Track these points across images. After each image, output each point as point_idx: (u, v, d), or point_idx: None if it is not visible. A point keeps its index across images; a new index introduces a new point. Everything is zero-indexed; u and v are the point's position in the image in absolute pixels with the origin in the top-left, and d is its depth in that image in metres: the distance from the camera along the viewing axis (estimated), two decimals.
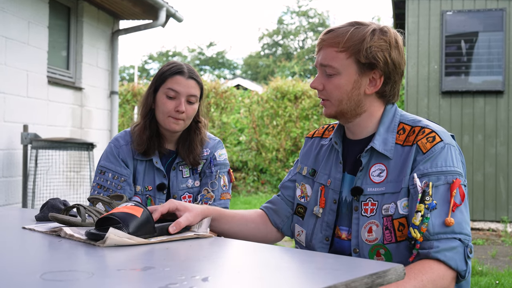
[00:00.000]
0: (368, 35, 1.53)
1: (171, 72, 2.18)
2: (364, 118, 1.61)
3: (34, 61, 5.40)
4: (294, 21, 34.11)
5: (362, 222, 1.55)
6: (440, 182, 1.45)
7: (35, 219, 1.74)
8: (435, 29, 7.04)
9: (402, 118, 1.61)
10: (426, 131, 1.53)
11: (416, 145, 1.51)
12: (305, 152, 1.82)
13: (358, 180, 1.58)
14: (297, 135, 10.94)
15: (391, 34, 1.57)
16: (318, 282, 0.96)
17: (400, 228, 1.49)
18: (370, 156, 1.57)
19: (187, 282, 0.93)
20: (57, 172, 5.55)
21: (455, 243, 1.41)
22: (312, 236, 1.67)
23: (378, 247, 1.51)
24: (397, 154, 1.54)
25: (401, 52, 1.58)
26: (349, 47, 1.54)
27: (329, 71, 1.57)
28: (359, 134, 1.64)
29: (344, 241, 1.61)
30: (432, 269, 1.38)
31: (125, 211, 1.37)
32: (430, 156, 1.48)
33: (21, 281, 0.95)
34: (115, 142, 2.26)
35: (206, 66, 34.42)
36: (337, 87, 1.57)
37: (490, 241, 6.19)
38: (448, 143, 1.51)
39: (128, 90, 11.62)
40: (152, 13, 6.94)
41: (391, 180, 1.52)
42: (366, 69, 1.55)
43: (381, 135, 1.57)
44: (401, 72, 1.59)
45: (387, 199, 1.52)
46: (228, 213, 1.75)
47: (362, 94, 1.57)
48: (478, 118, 6.94)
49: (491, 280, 4.27)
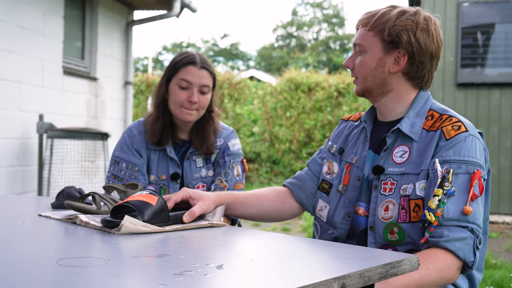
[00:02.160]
0: (395, 14, 1.57)
1: (184, 63, 2.17)
2: (391, 99, 1.64)
3: (50, 51, 5.43)
4: (309, 13, 33.98)
5: (380, 200, 1.57)
6: (461, 171, 1.46)
7: (51, 207, 1.75)
8: (451, 21, 6.96)
9: (433, 106, 1.63)
10: (453, 119, 1.54)
11: (441, 130, 1.52)
12: (337, 132, 1.85)
13: (381, 160, 1.60)
14: (310, 127, 10.91)
15: (421, 16, 1.58)
16: (332, 271, 0.96)
17: (416, 209, 1.50)
18: (396, 137, 1.60)
19: (202, 269, 0.93)
20: (72, 162, 5.59)
21: (465, 234, 1.41)
22: (334, 212, 1.70)
23: (392, 225, 1.53)
24: (421, 138, 1.56)
25: (432, 36, 1.58)
26: (376, 26, 1.59)
27: (359, 49, 1.63)
28: (388, 116, 1.67)
29: (360, 217, 1.64)
30: (438, 258, 1.39)
31: (140, 199, 1.38)
32: (453, 144, 1.48)
33: (37, 266, 0.96)
34: (129, 132, 2.27)
35: (220, 57, 34.41)
36: (362, 64, 1.62)
37: (504, 234, 6.14)
38: (473, 134, 1.52)
39: (142, 81, 11.66)
40: (166, 4, 6.94)
41: (412, 162, 1.54)
42: (391, 48, 1.58)
43: (409, 118, 1.60)
44: (430, 55, 1.59)
45: (406, 179, 1.54)
46: (242, 196, 1.77)
47: (386, 72, 1.60)
48: (493, 111, 6.87)
49: (505, 273, 4.24)
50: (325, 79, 11.04)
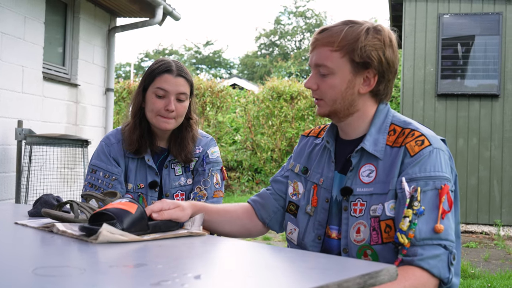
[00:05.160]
0: (362, 34, 1.53)
1: (160, 71, 2.15)
2: (356, 118, 1.61)
3: (30, 56, 5.38)
4: (291, 22, 34.12)
5: (351, 222, 1.55)
6: (429, 188, 1.44)
7: (28, 215, 1.73)
8: (432, 32, 7.05)
9: (394, 119, 1.60)
10: (416, 134, 1.52)
11: (404, 147, 1.50)
12: (299, 150, 1.81)
13: (348, 180, 1.57)
14: (292, 136, 10.94)
15: (385, 32, 1.56)
16: (310, 282, 0.96)
17: (387, 230, 1.48)
18: (360, 157, 1.57)
19: (179, 279, 0.92)
20: (51, 169, 5.53)
21: (439, 251, 1.40)
22: (304, 235, 1.67)
23: (365, 247, 1.51)
24: (386, 155, 1.53)
25: (395, 51, 1.57)
26: (344, 46, 1.53)
27: (323, 71, 1.56)
28: (351, 134, 1.64)
29: (333, 240, 1.61)
30: (415, 276, 1.38)
31: (119, 207, 1.37)
32: (418, 160, 1.47)
33: (13, 276, 0.94)
34: (106, 140, 2.25)
35: (203, 65, 34.38)
36: (331, 87, 1.56)
37: (483, 244, 6.20)
38: (437, 147, 1.50)
39: (124, 88, 11.60)
40: (149, 11, 6.92)
41: (380, 181, 1.52)
42: (360, 68, 1.54)
43: (372, 136, 1.57)
44: (395, 71, 1.58)
45: (375, 200, 1.51)
46: (214, 209, 1.74)
47: (356, 93, 1.56)
48: (473, 122, 6.95)
49: (483, 283, 4.28)
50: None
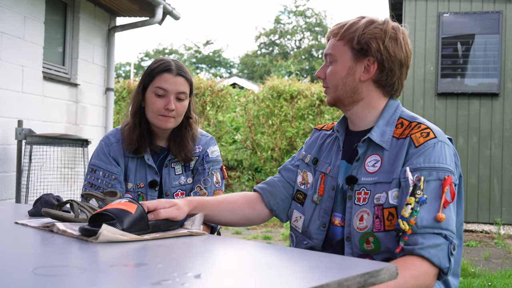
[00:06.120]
0: (364, 24, 1.61)
1: (159, 70, 2.15)
2: (362, 107, 1.66)
3: (30, 56, 5.37)
4: (291, 21, 34.11)
5: (355, 210, 1.58)
6: (432, 178, 1.47)
7: (28, 214, 1.73)
8: (432, 31, 7.05)
9: (402, 114, 1.65)
10: (422, 126, 1.56)
11: (410, 138, 1.54)
12: (310, 142, 1.86)
13: (354, 170, 1.61)
14: (292, 135, 10.94)
15: (390, 25, 1.61)
16: (311, 281, 0.96)
17: (389, 218, 1.51)
18: (367, 147, 1.61)
19: (180, 278, 0.92)
20: (51, 168, 5.53)
21: (439, 240, 1.42)
22: (309, 223, 1.70)
23: (367, 234, 1.54)
24: (392, 146, 1.58)
25: (400, 44, 1.61)
26: (346, 35, 1.62)
27: (330, 59, 1.66)
28: (359, 125, 1.68)
29: (337, 227, 1.64)
30: (415, 266, 1.40)
31: (119, 207, 1.36)
32: (423, 151, 1.50)
33: (13, 275, 0.94)
34: (106, 140, 2.25)
35: (203, 65, 34.38)
36: (333, 73, 1.65)
37: (483, 243, 6.21)
38: (442, 140, 1.54)
39: (124, 87, 11.59)
40: (149, 10, 6.92)
41: (384, 171, 1.55)
42: (360, 56, 1.61)
43: (379, 127, 1.61)
44: (399, 62, 1.61)
45: (379, 188, 1.55)
46: (212, 202, 1.74)
47: (357, 80, 1.62)
48: (473, 121, 6.95)
49: (484, 282, 4.28)
50: (307, 87, 11.08)
